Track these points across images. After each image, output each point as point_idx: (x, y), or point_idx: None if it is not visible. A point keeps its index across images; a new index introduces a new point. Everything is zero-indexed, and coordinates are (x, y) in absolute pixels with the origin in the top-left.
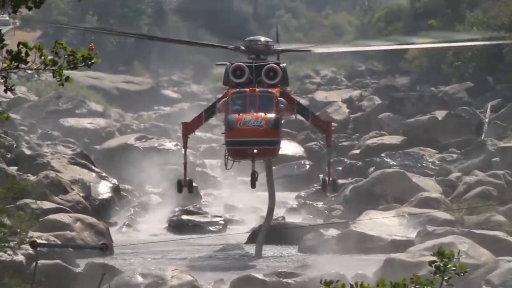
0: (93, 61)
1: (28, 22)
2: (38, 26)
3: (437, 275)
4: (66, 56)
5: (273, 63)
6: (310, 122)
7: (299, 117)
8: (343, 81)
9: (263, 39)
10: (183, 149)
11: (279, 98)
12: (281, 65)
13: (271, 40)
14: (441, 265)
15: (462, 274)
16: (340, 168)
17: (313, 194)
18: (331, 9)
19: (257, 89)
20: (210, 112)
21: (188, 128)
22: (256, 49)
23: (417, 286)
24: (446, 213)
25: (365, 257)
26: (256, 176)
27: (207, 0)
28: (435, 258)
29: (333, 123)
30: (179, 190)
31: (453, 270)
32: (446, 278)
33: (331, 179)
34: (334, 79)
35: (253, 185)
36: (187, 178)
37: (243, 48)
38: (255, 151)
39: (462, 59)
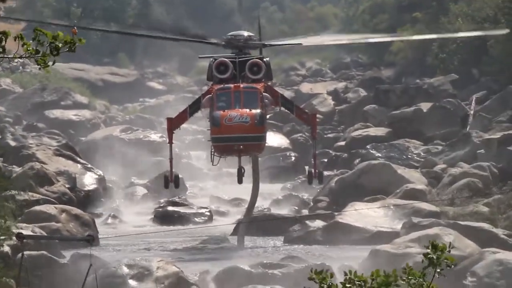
0: (76, 45)
1: (10, 18)
2: (21, 20)
3: (430, 267)
4: (47, 44)
5: (256, 58)
6: (294, 115)
7: (284, 109)
8: (328, 73)
9: (246, 34)
10: (168, 145)
11: (263, 94)
12: (264, 59)
13: (253, 35)
14: (434, 257)
15: (452, 266)
16: (326, 160)
17: (298, 185)
18: (316, 1)
19: (241, 85)
20: (194, 107)
21: (173, 124)
22: (240, 44)
23: (410, 277)
24: (431, 204)
25: (350, 248)
26: (242, 171)
27: None
28: (428, 251)
29: (318, 115)
30: (166, 186)
31: (445, 261)
32: (438, 270)
33: (317, 171)
34: (319, 71)
35: (239, 181)
36: (174, 174)
37: (227, 43)
38: (241, 147)
39: (447, 51)
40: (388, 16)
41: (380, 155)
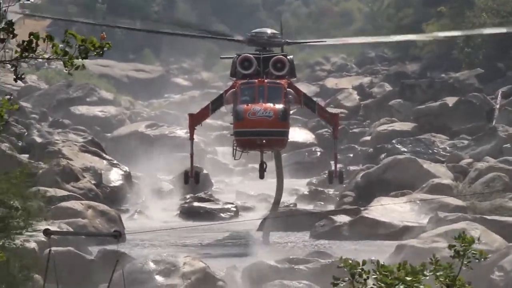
0: (104, 49)
1: (37, 15)
2: (47, 17)
3: (456, 259)
4: (77, 46)
5: (280, 55)
6: (316, 114)
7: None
8: (353, 68)
9: (269, 31)
10: (190, 141)
11: (287, 89)
12: (288, 57)
13: (277, 32)
14: (461, 249)
15: (483, 259)
16: (351, 155)
17: (324, 180)
18: None
19: (266, 80)
20: (217, 103)
21: (195, 120)
22: (263, 41)
23: (436, 268)
24: (458, 199)
25: (376, 243)
26: (264, 166)
27: None
28: (455, 243)
29: (343, 110)
30: (186, 181)
31: (474, 254)
32: (465, 262)
33: (337, 171)
34: (344, 66)
35: (261, 176)
36: (195, 170)
37: (250, 40)
38: (264, 141)
39: (473, 45)
40: (413, 11)
41: (406, 149)
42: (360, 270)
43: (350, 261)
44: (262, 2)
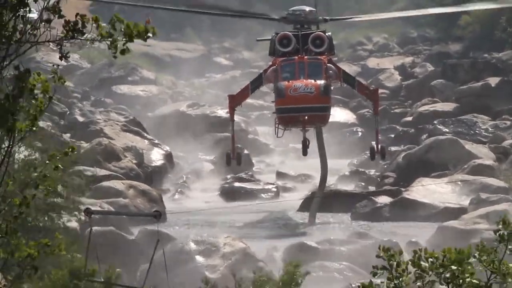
0: (149, 35)
1: None
2: None
3: (501, 243)
4: (122, 30)
5: (319, 31)
6: (357, 90)
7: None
8: (395, 47)
9: (307, 9)
10: (230, 122)
11: (328, 65)
12: (326, 33)
13: (314, 10)
14: (505, 233)
15: None
16: (393, 136)
17: (365, 161)
18: None
19: (305, 56)
20: (256, 83)
21: (235, 101)
22: (301, 19)
23: (481, 254)
24: (500, 180)
25: (418, 224)
26: (307, 143)
27: None
28: (499, 227)
29: (384, 90)
30: (228, 163)
31: None
32: (510, 247)
33: (379, 147)
34: (386, 45)
35: (304, 153)
36: (236, 151)
37: (288, 18)
38: (306, 117)
39: None
40: None
41: (447, 130)
42: (399, 261)
43: (389, 252)
44: None
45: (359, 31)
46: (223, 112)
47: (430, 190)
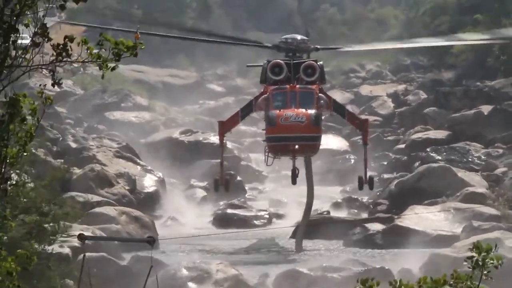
0: (137, 50)
1: (72, 23)
2: (82, 25)
3: (476, 270)
4: (111, 49)
5: (311, 60)
6: (346, 120)
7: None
8: (388, 75)
9: (299, 37)
10: (220, 148)
11: (319, 94)
12: (318, 62)
13: (307, 39)
14: (479, 259)
15: (499, 265)
16: (385, 163)
17: (358, 188)
18: (377, 3)
19: (297, 85)
20: (246, 110)
21: (225, 127)
22: (293, 47)
23: (456, 281)
24: (492, 208)
25: (410, 252)
26: (296, 172)
27: None
28: (473, 253)
29: (377, 118)
30: (216, 189)
31: (491, 263)
32: (485, 272)
33: (367, 177)
34: (379, 73)
35: (293, 182)
36: (225, 177)
37: (280, 47)
38: (297, 147)
39: (508, 53)
40: (449, 18)
41: (440, 158)
42: None
43: (366, 284)
44: (297, 9)
45: (352, 59)
46: (216, 139)
47: (423, 218)
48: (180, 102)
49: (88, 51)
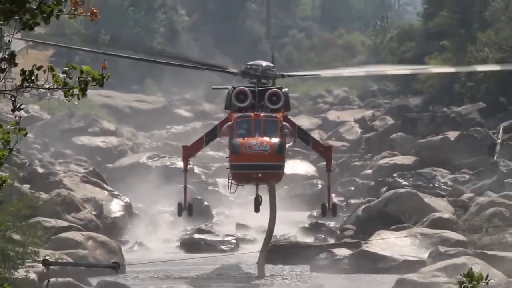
0: (104, 80)
1: (40, 41)
2: (50, 44)
3: None
4: (77, 78)
5: (276, 88)
6: (311, 147)
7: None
8: (355, 101)
9: (264, 64)
10: (183, 172)
11: (283, 123)
12: (283, 90)
13: (272, 65)
14: (469, 287)
15: None
16: (352, 188)
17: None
18: (344, 29)
19: (261, 113)
20: (211, 136)
21: (189, 152)
22: (258, 74)
23: None
24: (458, 233)
25: (377, 277)
26: (260, 200)
27: (219, 20)
28: (463, 279)
29: (345, 143)
30: (179, 214)
31: None
32: None
33: (331, 203)
34: (346, 99)
35: (256, 210)
36: (189, 202)
37: (245, 72)
38: (260, 175)
39: (475, 79)
40: (416, 44)
41: (407, 183)
42: None
43: None
44: (265, 35)
45: (320, 84)
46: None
47: (390, 243)
48: (147, 127)
49: (54, 78)
